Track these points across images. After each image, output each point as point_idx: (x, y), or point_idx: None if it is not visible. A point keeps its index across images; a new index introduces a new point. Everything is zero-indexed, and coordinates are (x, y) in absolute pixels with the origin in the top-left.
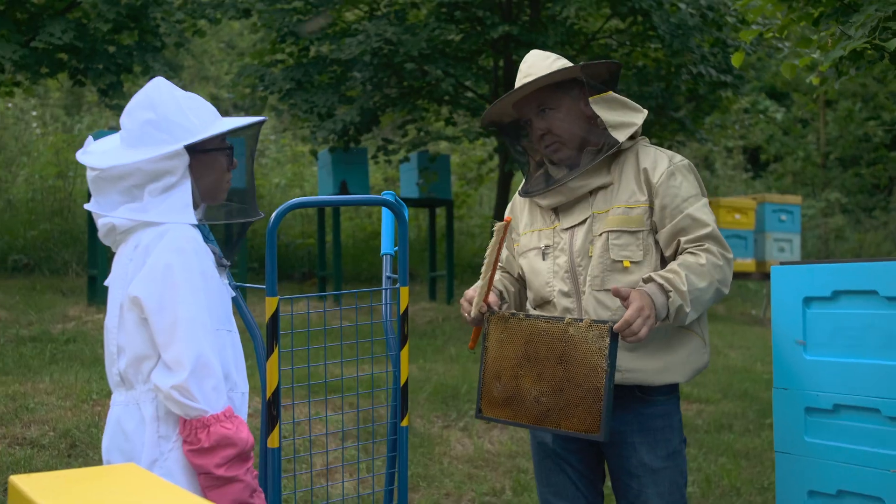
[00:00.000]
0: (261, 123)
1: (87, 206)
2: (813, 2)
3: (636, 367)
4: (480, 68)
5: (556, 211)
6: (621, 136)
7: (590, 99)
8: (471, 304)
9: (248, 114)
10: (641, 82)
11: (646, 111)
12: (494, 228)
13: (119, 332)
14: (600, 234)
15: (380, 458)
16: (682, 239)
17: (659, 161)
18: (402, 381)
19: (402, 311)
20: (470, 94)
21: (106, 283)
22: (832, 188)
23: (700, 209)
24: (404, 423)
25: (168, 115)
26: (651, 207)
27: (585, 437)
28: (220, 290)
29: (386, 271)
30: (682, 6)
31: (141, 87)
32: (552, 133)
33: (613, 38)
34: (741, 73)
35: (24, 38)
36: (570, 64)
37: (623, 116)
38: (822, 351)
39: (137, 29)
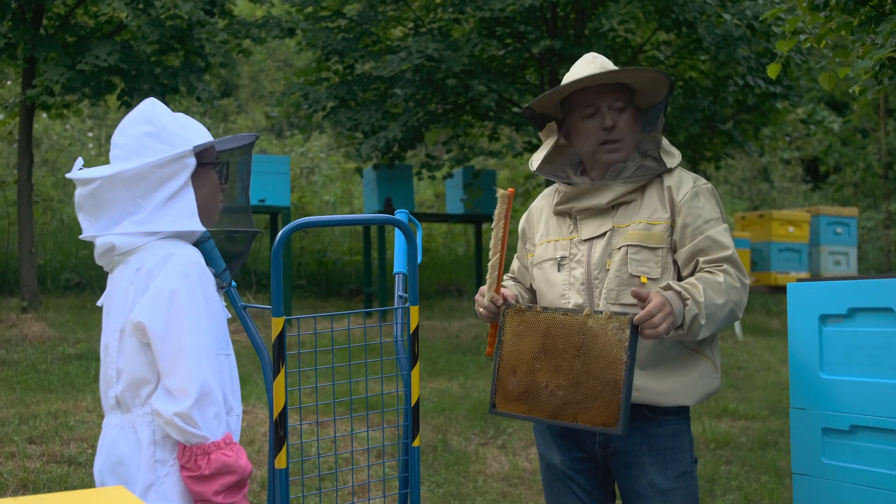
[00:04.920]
0: (253, 140)
1: (81, 237)
2: (850, 10)
3: (646, 387)
4: (526, 83)
5: (576, 222)
6: (671, 162)
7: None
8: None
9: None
10: (687, 95)
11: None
12: (497, 196)
13: (119, 355)
14: (619, 248)
15: (392, 479)
16: (701, 259)
17: (683, 181)
18: (413, 401)
19: (412, 331)
20: (515, 109)
21: (98, 303)
22: (894, 199)
23: (721, 232)
24: (416, 443)
25: (167, 127)
26: (672, 226)
27: (602, 431)
28: (220, 313)
29: (398, 290)
30: (728, 17)
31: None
32: (619, 129)
33: (660, 49)
34: (791, 83)
35: (72, 61)
36: None
37: (668, 147)
38: (838, 370)
39: (183, 50)
